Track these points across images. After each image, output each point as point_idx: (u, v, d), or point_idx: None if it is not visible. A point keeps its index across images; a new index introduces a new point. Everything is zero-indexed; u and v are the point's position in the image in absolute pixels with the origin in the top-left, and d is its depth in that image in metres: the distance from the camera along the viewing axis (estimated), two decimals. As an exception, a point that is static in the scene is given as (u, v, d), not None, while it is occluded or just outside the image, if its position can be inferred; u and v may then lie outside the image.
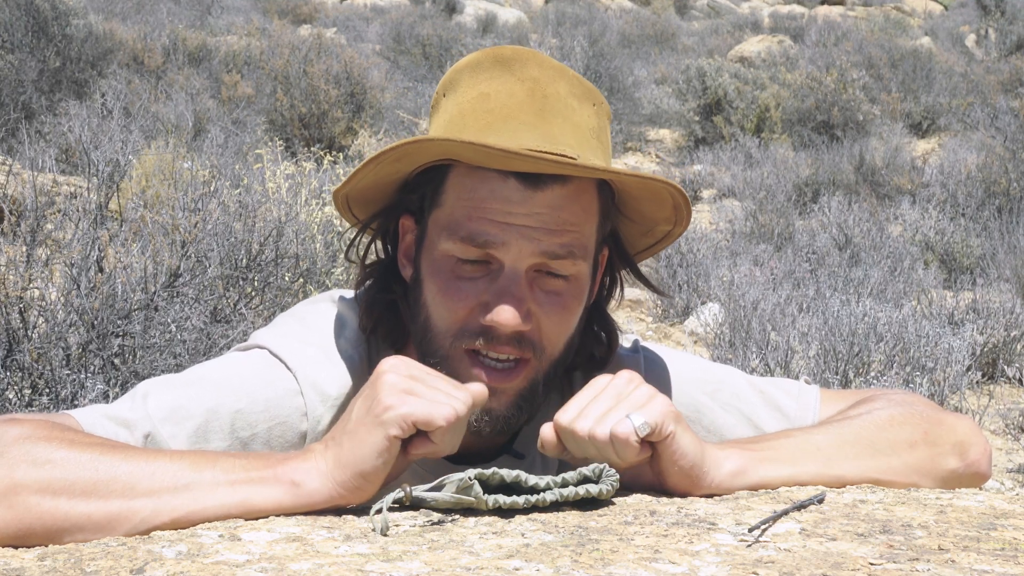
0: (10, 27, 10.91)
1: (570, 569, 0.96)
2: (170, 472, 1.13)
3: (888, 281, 7.66)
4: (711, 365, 1.55)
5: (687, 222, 1.37)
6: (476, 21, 23.32)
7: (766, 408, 1.49)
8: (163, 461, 1.15)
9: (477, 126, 1.32)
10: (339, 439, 1.15)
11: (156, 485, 1.12)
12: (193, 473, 1.14)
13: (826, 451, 1.30)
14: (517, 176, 1.28)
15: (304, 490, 1.13)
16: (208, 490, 1.13)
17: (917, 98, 15.33)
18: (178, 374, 1.37)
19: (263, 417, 1.32)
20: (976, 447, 1.38)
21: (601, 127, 1.38)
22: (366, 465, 1.13)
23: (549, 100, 1.33)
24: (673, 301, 7.69)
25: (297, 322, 1.43)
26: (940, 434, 1.36)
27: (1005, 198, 10.20)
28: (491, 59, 1.37)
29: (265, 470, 1.14)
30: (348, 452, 1.13)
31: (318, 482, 1.13)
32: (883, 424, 1.34)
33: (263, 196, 5.48)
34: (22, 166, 7.44)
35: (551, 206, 1.29)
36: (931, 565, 0.98)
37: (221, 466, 1.15)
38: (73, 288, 3.40)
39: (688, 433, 1.23)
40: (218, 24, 18.34)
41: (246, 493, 1.13)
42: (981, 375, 6.18)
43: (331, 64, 11.97)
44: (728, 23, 25.53)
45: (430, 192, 1.34)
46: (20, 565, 1.02)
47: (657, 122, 15.74)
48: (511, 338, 1.29)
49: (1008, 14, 22.46)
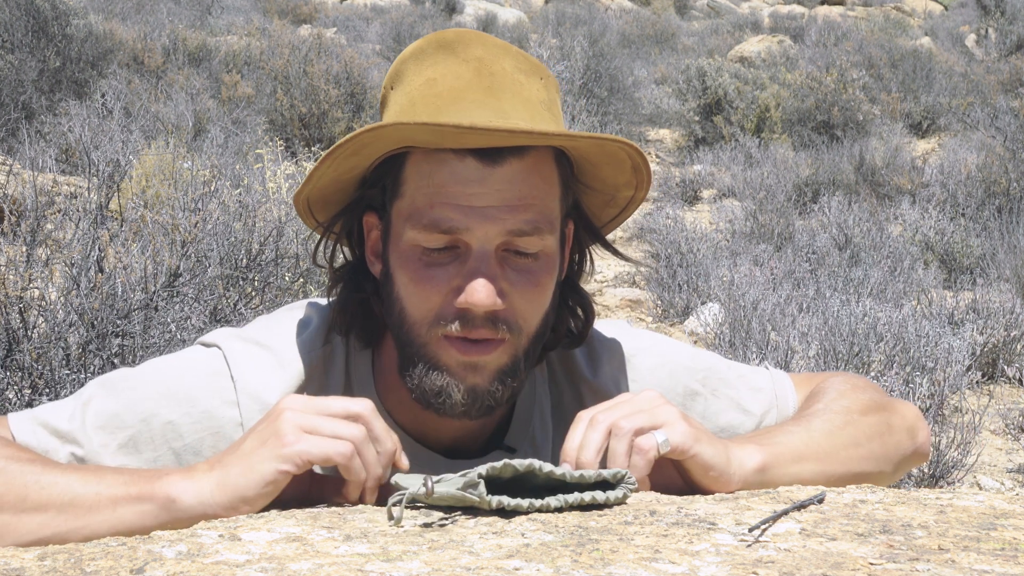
0: (10, 27, 10.91)
1: (570, 569, 0.96)
2: (59, 487, 1.18)
3: (888, 281, 7.66)
4: (696, 351, 1.57)
5: (648, 184, 1.38)
6: (476, 21, 23.33)
7: (750, 392, 1.53)
8: (57, 475, 1.20)
9: (428, 111, 1.31)
10: (227, 463, 1.18)
11: (44, 499, 1.18)
12: (81, 487, 1.18)
13: (824, 447, 1.35)
14: (474, 154, 1.27)
15: (178, 507, 1.16)
16: (89, 509, 1.17)
17: (917, 98, 15.33)
18: (130, 371, 1.39)
19: (197, 427, 1.34)
20: (923, 431, 1.49)
21: (551, 99, 1.38)
22: (250, 492, 1.16)
23: (496, 77, 1.33)
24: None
25: (265, 324, 1.45)
26: (895, 421, 1.45)
27: (1005, 198, 10.20)
28: (434, 45, 1.36)
29: (144, 486, 1.18)
30: (234, 477, 1.16)
31: (194, 501, 1.16)
32: (857, 416, 1.41)
33: (263, 196, 5.48)
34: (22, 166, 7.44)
35: (511, 181, 1.28)
36: (931, 565, 0.98)
37: (106, 482, 1.19)
38: (73, 288, 3.40)
39: (710, 445, 1.26)
40: (218, 24, 18.34)
41: (123, 512, 1.17)
42: (981, 375, 6.18)
43: (331, 64, 11.97)
44: (728, 23, 25.53)
45: (390, 183, 1.33)
46: (20, 565, 1.02)
47: (657, 122, 15.74)
48: (486, 319, 1.29)
49: (1008, 14, 22.45)
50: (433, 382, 1.31)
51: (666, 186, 12.29)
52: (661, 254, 8.32)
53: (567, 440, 1.26)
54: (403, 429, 1.41)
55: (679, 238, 8.49)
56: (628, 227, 9.89)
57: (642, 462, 1.22)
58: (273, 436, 1.17)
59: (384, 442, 1.21)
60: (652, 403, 1.26)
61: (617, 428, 1.23)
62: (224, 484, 1.16)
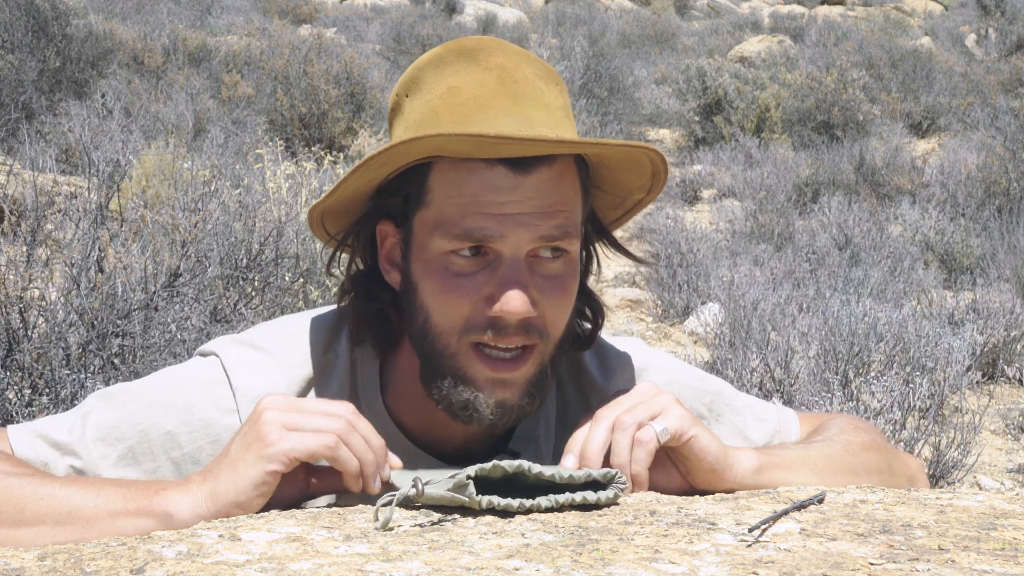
0: (10, 27, 10.91)
1: (570, 569, 0.96)
2: (57, 500, 1.20)
3: (888, 281, 7.67)
4: (707, 375, 1.58)
5: (661, 189, 1.39)
6: (476, 21, 23.33)
7: (755, 422, 1.55)
8: (55, 487, 1.21)
9: (453, 119, 1.30)
10: (217, 472, 1.19)
11: (42, 511, 1.19)
12: (80, 500, 1.20)
13: (820, 466, 1.37)
14: (505, 163, 1.27)
15: (175, 521, 1.17)
16: (88, 522, 1.18)
17: (917, 98, 15.33)
18: (129, 384, 1.40)
19: (195, 436, 1.35)
20: (923, 483, 1.52)
21: (566, 105, 1.38)
22: (242, 497, 1.17)
23: (520, 85, 1.33)
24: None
25: (264, 330, 1.45)
26: (897, 467, 1.49)
27: (1005, 198, 10.20)
28: (454, 52, 1.35)
29: (142, 500, 1.19)
30: (225, 485, 1.18)
31: (189, 514, 1.17)
32: (857, 449, 1.43)
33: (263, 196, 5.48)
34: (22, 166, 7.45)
35: (541, 189, 1.28)
36: (931, 565, 0.98)
37: (104, 495, 1.20)
38: (73, 288, 3.40)
39: (708, 432, 1.29)
40: (218, 24, 18.35)
41: (121, 525, 1.18)
42: (981, 375, 6.18)
43: (331, 64, 11.98)
44: (728, 23, 25.53)
45: (413, 193, 1.32)
46: (20, 565, 1.02)
47: (657, 122, 15.75)
48: (519, 327, 1.28)
49: (1008, 14, 22.46)
50: (460, 395, 1.31)
51: (666, 186, 12.28)
52: (661, 254, 8.33)
53: (573, 436, 1.28)
54: (410, 437, 1.41)
55: (679, 238, 8.50)
56: (628, 227, 9.88)
57: (643, 453, 1.25)
58: (256, 439, 1.18)
59: (370, 436, 1.22)
60: (648, 393, 1.29)
61: (620, 423, 1.26)
62: (216, 494, 1.17)
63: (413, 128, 1.33)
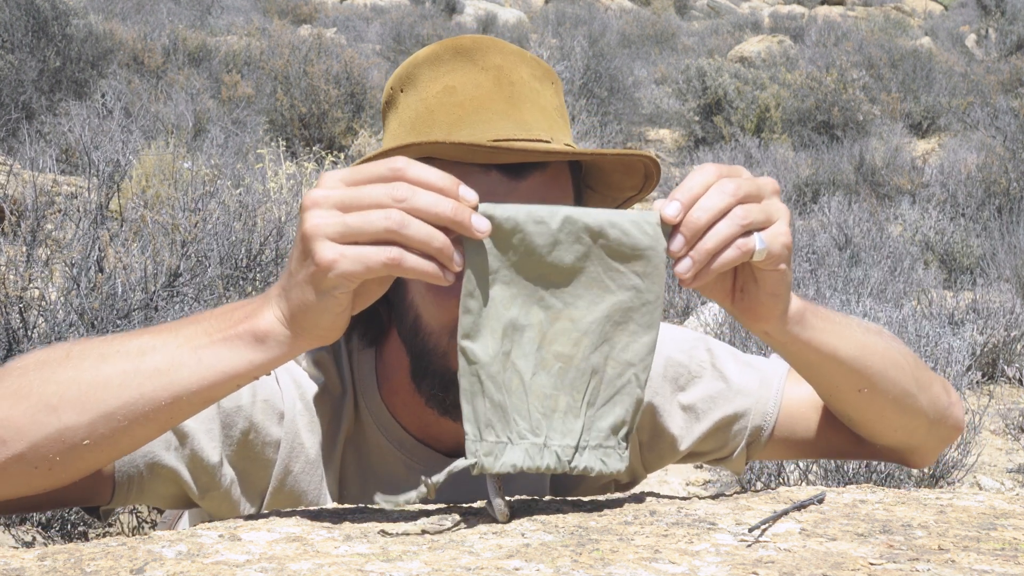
0: (10, 27, 10.91)
1: (570, 569, 0.96)
2: (135, 343, 1.12)
3: (888, 281, 7.67)
4: (681, 329, 1.59)
5: (651, 190, 1.37)
6: (476, 21, 23.34)
7: (735, 363, 1.54)
8: (131, 336, 1.13)
9: (448, 120, 1.30)
10: (287, 289, 1.09)
11: (126, 351, 1.11)
12: (162, 345, 1.11)
13: (861, 339, 1.31)
14: (499, 168, 1.27)
15: (268, 337, 1.10)
16: (176, 367, 1.10)
17: (917, 98, 15.34)
18: None
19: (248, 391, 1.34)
20: (954, 392, 1.49)
21: (561, 104, 1.38)
22: (322, 326, 1.09)
23: (516, 87, 1.32)
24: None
25: None
26: (931, 375, 1.45)
27: (1005, 198, 10.21)
28: (451, 51, 1.34)
29: (228, 331, 1.11)
30: (301, 317, 1.09)
31: (281, 337, 1.10)
32: (893, 345, 1.38)
33: (263, 196, 5.48)
34: (22, 166, 7.45)
35: (534, 194, 1.28)
36: (931, 565, 0.98)
37: (184, 334, 1.12)
38: (73, 288, 3.40)
39: (790, 268, 1.18)
40: (218, 24, 18.35)
41: (209, 359, 1.10)
42: (981, 375, 6.19)
43: (331, 64, 11.98)
44: (728, 23, 25.54)
45: None
46: (20, 565, 1.02)
47: (657, 122, 15.75)
48: None
49: (1008, 14, 22.47)
50: (451, 394, 1.30)
51: (666, 186, 12.30)
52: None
53: (686, 186, 1.11)
54: (407, 431, 1.41)
55: (679, 238, 8.49)
56: (628, 227, 9.89)
57: (731, 258, 1.10)
58: (309, 260, 1.05)
59: (433, 183, 1.04)
60: (771, 189, 1.14)
61: (735, 214, 1.10)
62: (295, 322, 1.09)
63: (408, 125, 1.33)
